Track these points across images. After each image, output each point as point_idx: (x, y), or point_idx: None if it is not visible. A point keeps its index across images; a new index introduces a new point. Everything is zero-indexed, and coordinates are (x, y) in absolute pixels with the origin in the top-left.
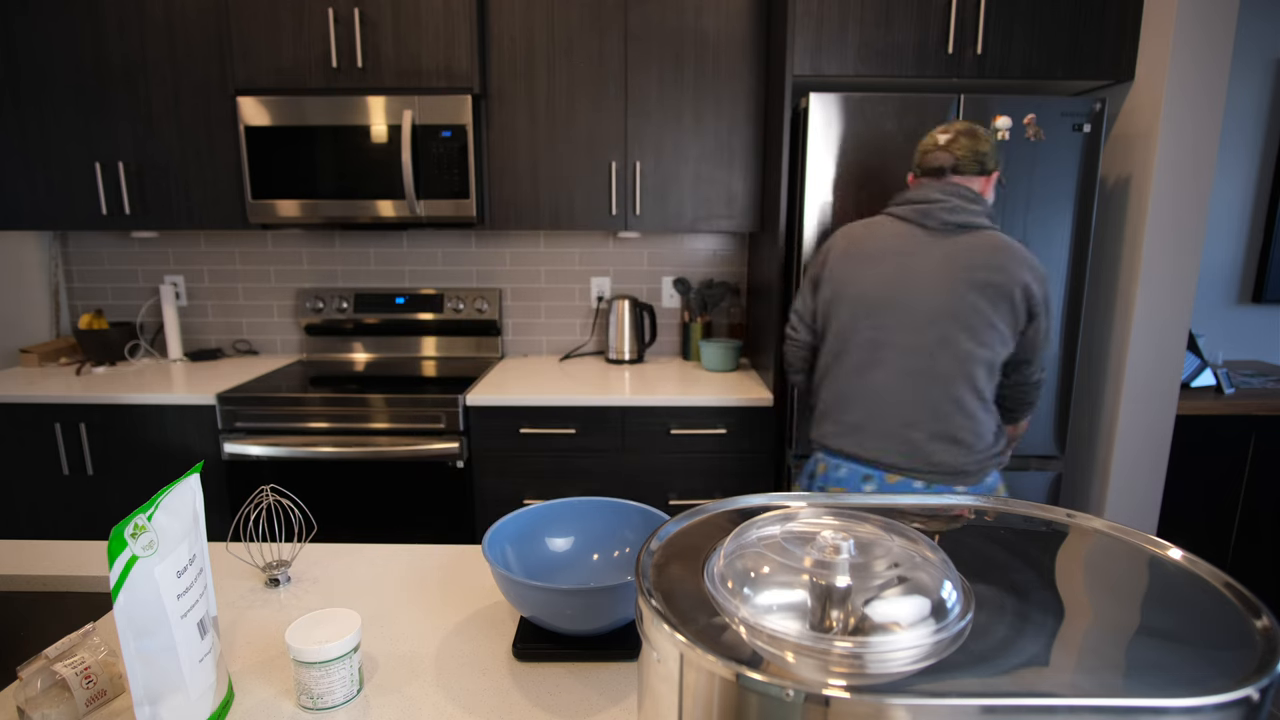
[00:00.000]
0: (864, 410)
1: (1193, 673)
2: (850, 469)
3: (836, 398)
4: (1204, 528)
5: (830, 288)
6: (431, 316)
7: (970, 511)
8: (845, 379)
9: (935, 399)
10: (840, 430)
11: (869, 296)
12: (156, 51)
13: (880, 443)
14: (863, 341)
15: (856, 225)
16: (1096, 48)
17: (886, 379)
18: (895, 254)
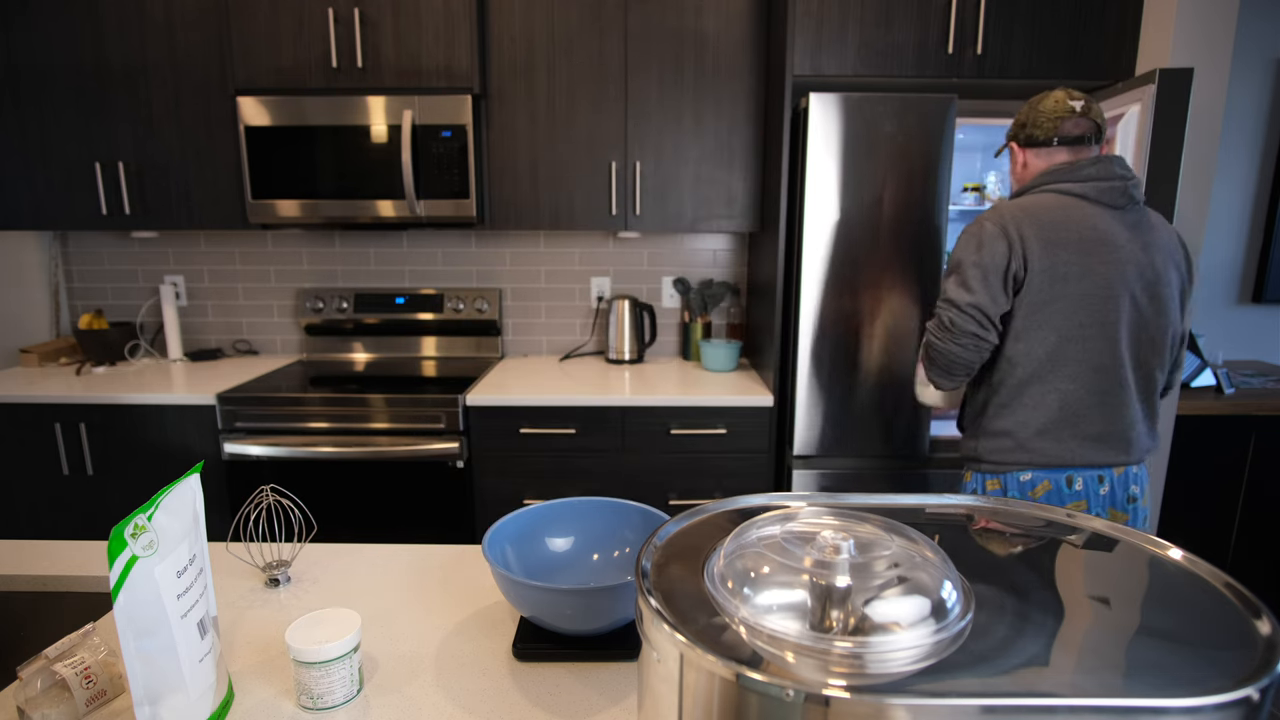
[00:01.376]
0: (1105, 419)
1: (1193, 673)
2: (1087, 476)
3: (1064, 407)
4: (1204, 528)
5: (1040, 285)
6: (431, 316)
7: (970, 511)
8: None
9: (1150, 386)
10: (1082, 445)
11: (1093, 294)
12: (156, 52)
13: (1122, 446)
14: (1092, 345)
15: (1034, 208)
16: (1096, 48)
17: (1116, 380)
18: (1101, 243)
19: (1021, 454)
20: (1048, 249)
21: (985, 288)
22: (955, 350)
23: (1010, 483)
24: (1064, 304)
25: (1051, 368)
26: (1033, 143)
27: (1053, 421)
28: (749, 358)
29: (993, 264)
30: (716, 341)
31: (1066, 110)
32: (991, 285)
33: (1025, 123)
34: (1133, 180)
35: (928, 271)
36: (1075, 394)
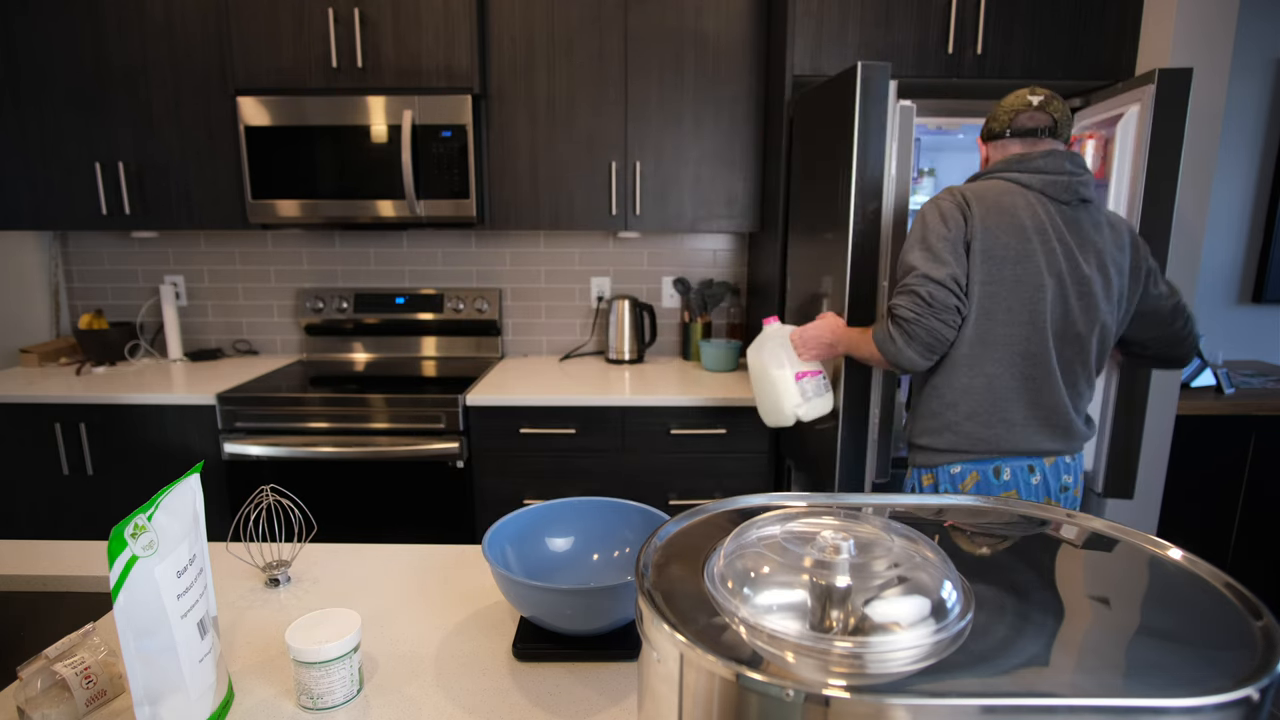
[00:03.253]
0: (1032, 406)
1: (1193, 673)
2: (1015, 466)
3: (991, 390)
4: (1204, 528)
5: (977, 264)
6: (431, 316)
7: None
8: (1000, 370)
9: (1073, 380)
10: (1010, 430)
11: (1025, 280)
12: (156, 51)
13: (1050, 434)
14: (1019, 331)
15: (981, 190)
16: (1096, 48)
17: (1045, 368)
18: (1038, 232)
19: (949, 436)
20: (988, 231)
21: (955, 259)
22: (938, 326)
23: (941, 477)
24: (996, 286)
25: (981, 350)
26: (990, 135)
27: (981, 405)
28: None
29: (957, 236)
30: (716, 341)
31: (1024, 104)
32: (959, 256)
33: (987, 117)
34: (1081, 177)
35: None
36: (1001, 378)
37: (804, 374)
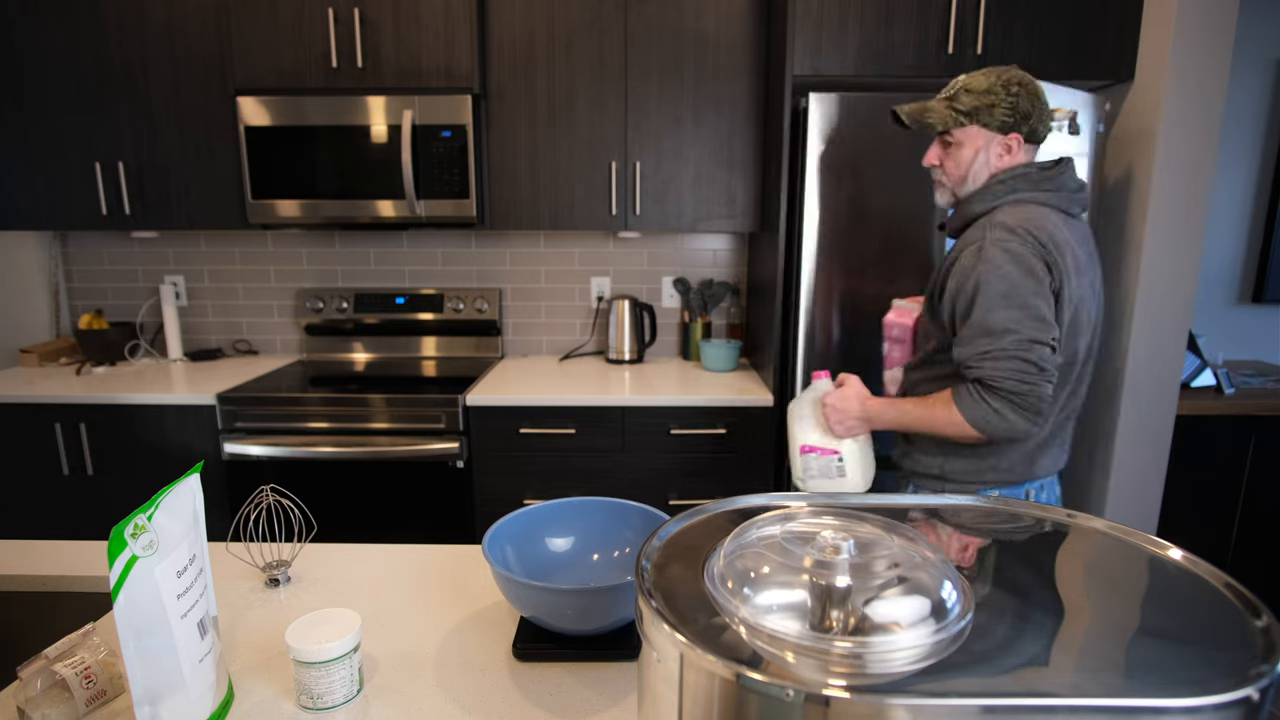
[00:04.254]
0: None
1: (1193, 673)
2: (1034, 486)
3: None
4: (1204, 528)
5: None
6: (431, 316)
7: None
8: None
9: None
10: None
11: (1087, 317)
12: (156, 51)
13: (1066, 452)
14: (1080, 368)
15: (1039, 222)
16: (1096, 48)
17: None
18: (1090, 263)
19: (991, 474)
20: (1067, 276)
21: (1052, 315)
22: (1049, 391)
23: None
24: (1072, 329)
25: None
26: (1035, 139)
27: (1035, 441)
28: (749, 358)
29: (1047, 287)
30: (716, 341)
31: (1048, 108)
32: (1053, 309)
33: (1029, 113)
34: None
35: (927, 271)
36: (1058, 416)
37: (812, 449)
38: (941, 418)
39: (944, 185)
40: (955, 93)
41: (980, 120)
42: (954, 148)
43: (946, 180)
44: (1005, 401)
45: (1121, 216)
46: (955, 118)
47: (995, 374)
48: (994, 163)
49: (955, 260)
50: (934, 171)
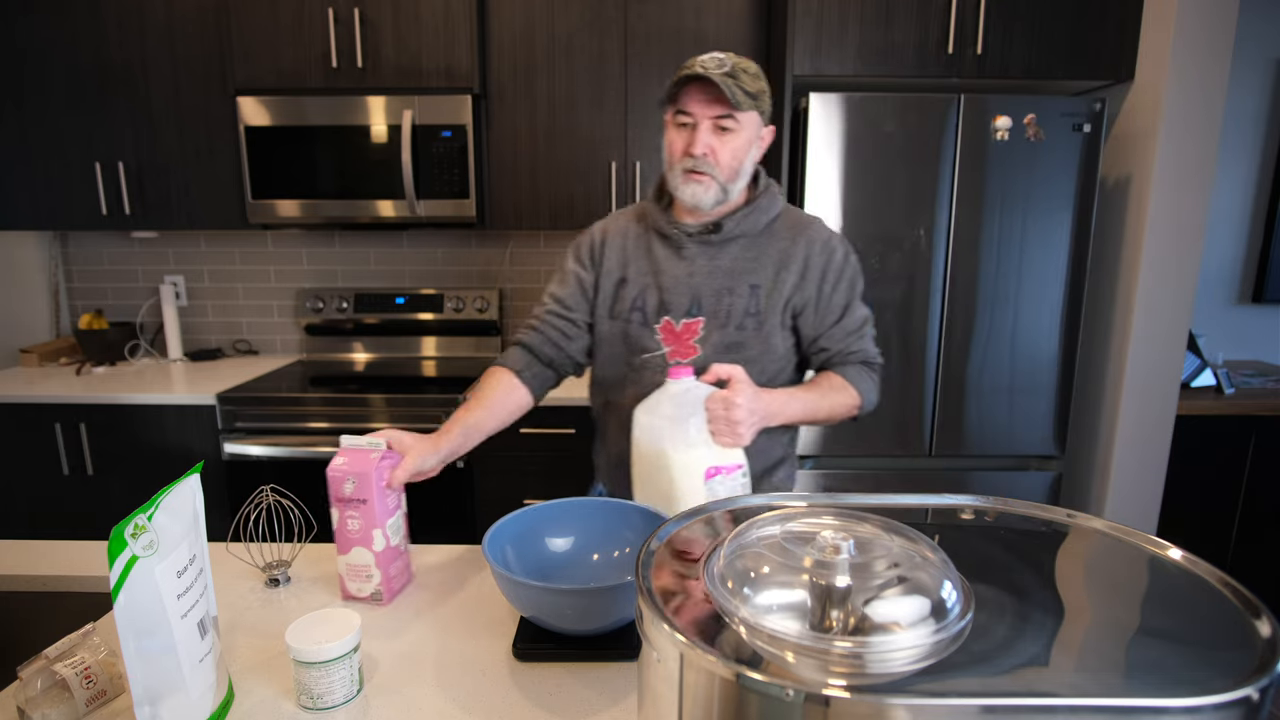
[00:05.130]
0: None
1: (1193, 673)
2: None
3: None
4: (1204, 528)
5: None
6: (431, 316)
7: (970, 511)
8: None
9: None
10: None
11: None
12: (156, 51)
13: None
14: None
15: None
16: (1096, 48)
17: None
18: None
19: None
20: None
21: None
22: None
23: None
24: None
25: None
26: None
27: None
28: None
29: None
30: None
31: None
32: None
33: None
34: None
35: (927, 271)
36: None
37: (717, 470)
38: (842, 402)
39: (711, 179)
40: (734, 70)
41: (760, 107)
42: (730, 135)
43: (717, 173)
44: (878, 375)
45: (1121, 216)
46: (746, 99)
47: (871, 351)
48: (755, 157)
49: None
50: (699, 163)
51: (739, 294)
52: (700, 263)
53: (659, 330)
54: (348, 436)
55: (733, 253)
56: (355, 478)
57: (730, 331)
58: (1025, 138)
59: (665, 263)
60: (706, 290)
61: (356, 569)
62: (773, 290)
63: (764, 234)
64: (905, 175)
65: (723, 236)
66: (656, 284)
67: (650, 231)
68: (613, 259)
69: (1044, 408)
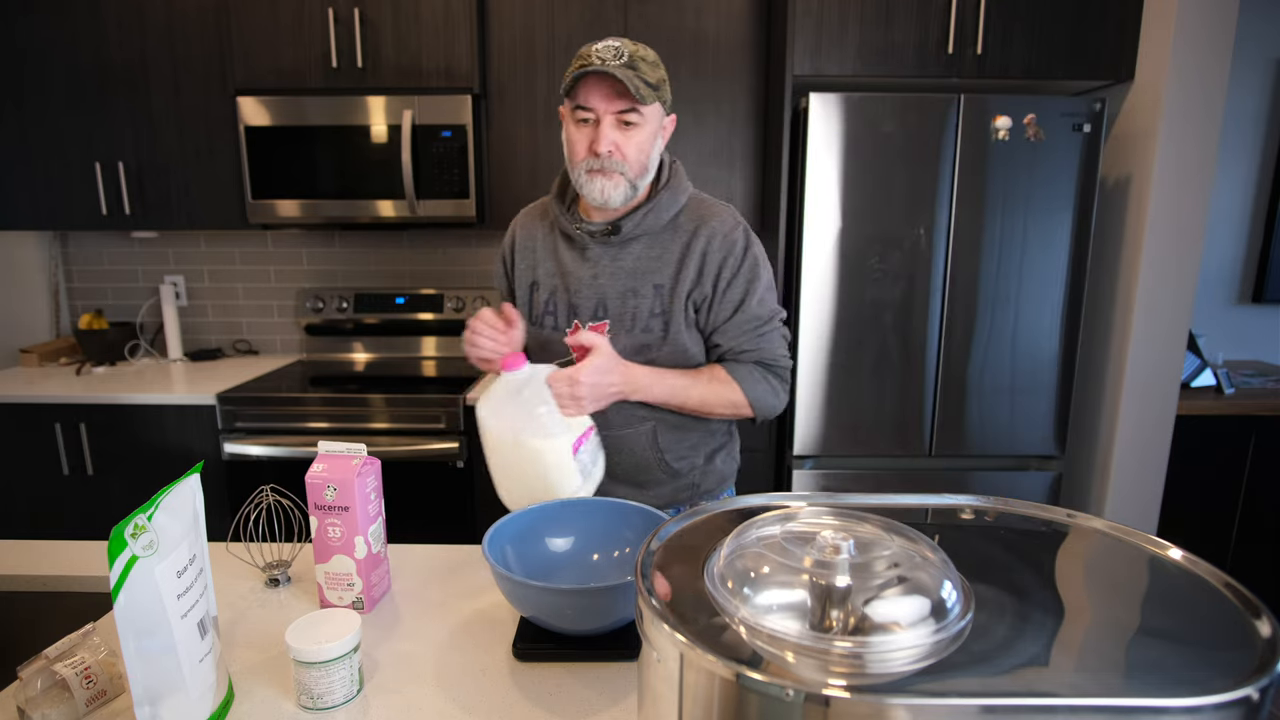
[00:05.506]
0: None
1: (1193, 673)
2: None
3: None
4: (1204, 528)
5: None
6: (431, 316)
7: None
8: None
9: None
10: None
11: None
12: (156, 51)
13: None
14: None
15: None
16: (1096, 48)
17: None
18: None
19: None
20: None
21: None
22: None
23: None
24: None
25: None
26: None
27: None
28: None
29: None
30: None
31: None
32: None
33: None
34: None
35: (927, 271)
36: None
37: (581, 441)
38: (723, 397)
39: (621, 177)
40: (632, 60)
41: (662, 96)
42: (635, 129)
43: (626, 170)
44: (779, 379)
45: (1121, 216)
46: (648, 90)
47: (772, 352)
48: (660, 148)
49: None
50: (605, 161)
51: (643, 295)
52: (604, 264)
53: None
54: (326, 442)
55: (635, 252)
56: (336, 485)
57: (637, 334)
58: (1025, 138)
59: (571, 264)
60: (611, 293)
61: (337, 577)
62: (675, 288)
63: (667, 230)
64: (905, 175)
65: (623, 238)
66: (565, 286)
67: (555, 231)
68: (523, 263)
69: (1044, 408)
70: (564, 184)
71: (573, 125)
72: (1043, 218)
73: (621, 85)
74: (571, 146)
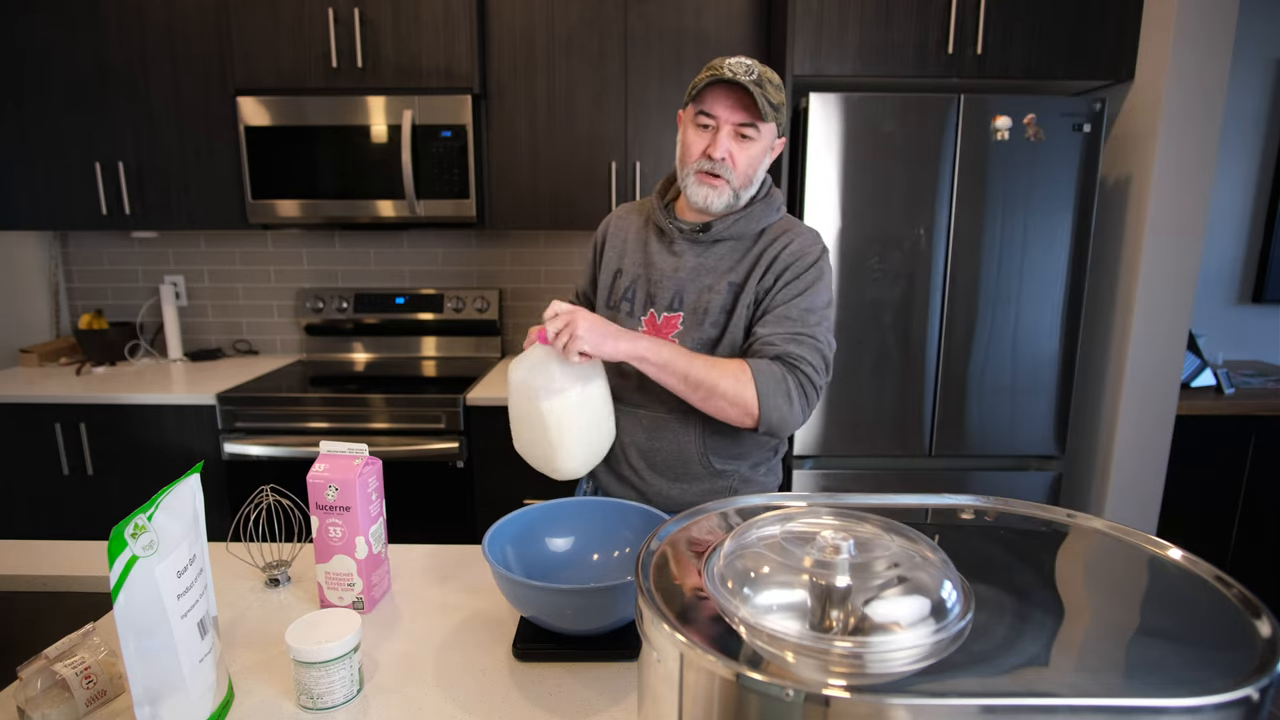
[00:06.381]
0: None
1: (1193, 673)
2: None
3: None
4: (1204, 528)
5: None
6: (431, 316)
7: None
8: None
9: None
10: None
11: None
12: (156, 51)
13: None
14: None
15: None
16: (1096, 48)
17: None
18: None
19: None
20: None
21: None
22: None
23: None
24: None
25: None
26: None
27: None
28: None
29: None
30: None
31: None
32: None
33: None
34: None
35: (927, 271)
36: None
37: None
38: (728, 375)
39: (727, 184)
40: (760, 79)
41: (780, 119)
42: (750, 142)
43: (733, 179)
44: (795, 384)
45: (1121, 216)
46: (770, 110)
47: (803, 359)
48: (766, 166)
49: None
50: (717, 166)
51: (718, 291)
52: (687, 259)
53: (644, 323)
54: (327, 442)
55: (719, 253)
56: (337, 484)
57: (707, 328)
58: (1025, 138)
59: (657, 256)
60: (690, 286)
61: (338, 577)
62: (745, 284)
63: (752, 238)
64: (905, 175)
65: (710, 236)
66: (647, 276)
67: (650, 226)
68: (612, 252)
69: (1044, 408)
70: (667, 185)
71: (692, 129)
72: (1043, 218)
73: (749, 99)
74: (687, 148)
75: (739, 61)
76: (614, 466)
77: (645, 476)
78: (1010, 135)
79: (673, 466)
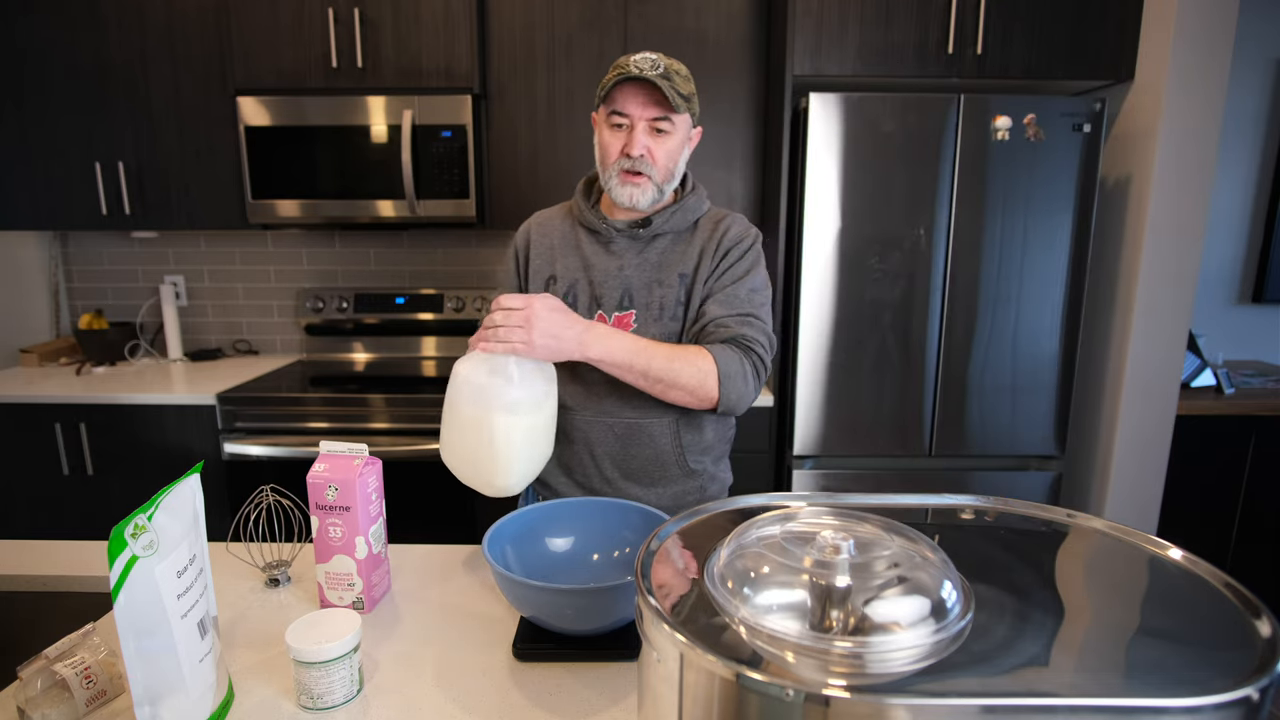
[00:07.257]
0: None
1: (1193, 673)
2: None
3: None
4: (1204, 528)
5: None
6: (431, 316)
7: (970, 511)
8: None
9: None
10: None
11: None
12: (156, 51)
13: None
14: None
15: None
16: (1096, 47)
17: None
18: None
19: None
20: None
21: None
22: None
23: None
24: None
25: None
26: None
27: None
28: None
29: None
30: None
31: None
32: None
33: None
34: None
35: (927, 271)
36: None
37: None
38: (690, 365)
39: (649, 180)
40: (668, 72)
41: (692, 109)
42: (666, 136)
43: (655, 174)
44: (751, 366)
45: (1121, 216)
46: (681, 101)
47: (756, 340)
48: (686, 157)
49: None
50: (637, 163)
51: (669, 285)
52: (629, 257)
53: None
54: (328, 442)
55: (660, 247)
56: (337, 484)
57: (665, 323)
58: (1025, 138)
59: (595, 258)
60: (638, 283)
61: (338, 577)
62: (695, 275)
63: (689, 230)
64: (905, 175)
65: (651, 232)
66: (588, 278)
67: (578, 228)
68: (540, 259)
69: (1044, 408)
70: (588, 187)
71: (607, 130)
72: (1043, 218)
73: (659, 94)
74: (605, 149)
75: (644, 57)
76: (580, 479)
77: (619, 485)
78: (1010, 135)
79: (649, 471)
